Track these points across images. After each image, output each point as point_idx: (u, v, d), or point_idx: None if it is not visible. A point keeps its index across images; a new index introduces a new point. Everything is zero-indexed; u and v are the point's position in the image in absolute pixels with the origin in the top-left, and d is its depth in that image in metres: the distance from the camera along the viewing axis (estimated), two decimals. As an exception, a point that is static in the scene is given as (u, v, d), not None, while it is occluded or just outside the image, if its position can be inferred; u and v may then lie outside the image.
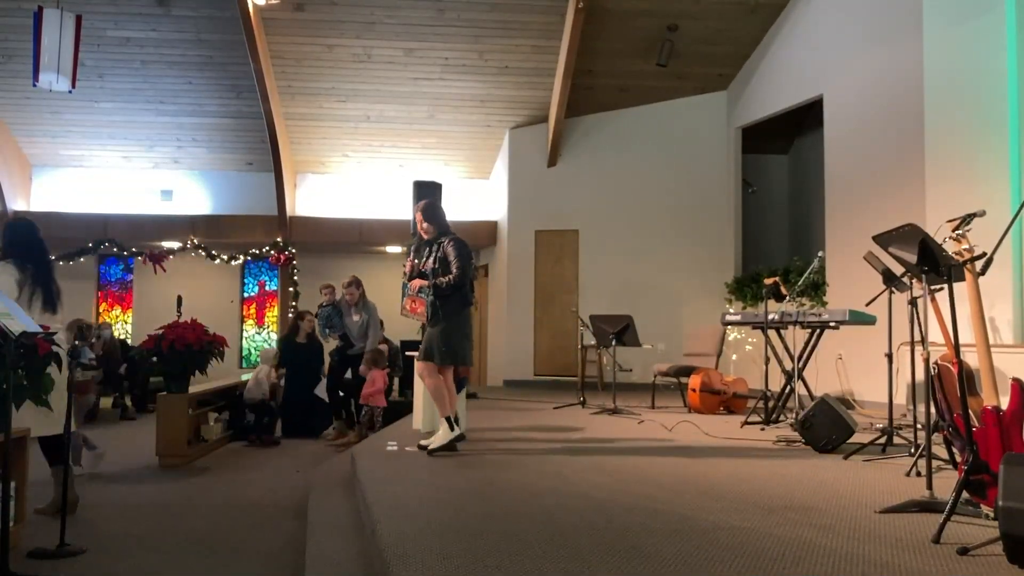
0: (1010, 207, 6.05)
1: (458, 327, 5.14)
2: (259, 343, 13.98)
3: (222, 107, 11.50)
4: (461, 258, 5.11)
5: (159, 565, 3.63)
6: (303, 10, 9.99)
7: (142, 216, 12.26)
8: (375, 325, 7.76)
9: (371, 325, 7.71)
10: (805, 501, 3.60)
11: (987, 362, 3.24)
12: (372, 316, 7.76)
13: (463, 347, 5.16)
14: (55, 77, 7.08)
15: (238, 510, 4.74)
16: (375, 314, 7.82)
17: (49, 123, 11.71)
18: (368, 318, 7.76)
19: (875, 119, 8.49)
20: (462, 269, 5.08)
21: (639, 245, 11.41)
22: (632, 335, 7.74)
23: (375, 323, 7.77)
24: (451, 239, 5.22)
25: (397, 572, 2.54)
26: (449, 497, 3.74)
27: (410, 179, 9.26)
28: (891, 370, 5.30)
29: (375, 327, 7.75)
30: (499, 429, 6.16)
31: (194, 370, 6.44)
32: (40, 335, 3.69)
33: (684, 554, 2.69)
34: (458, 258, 5.10)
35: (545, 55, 10.67)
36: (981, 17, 6.61)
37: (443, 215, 5.42)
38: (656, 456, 4.99)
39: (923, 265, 3.52)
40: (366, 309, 7.78)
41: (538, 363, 11.59)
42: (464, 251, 5.17)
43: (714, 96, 11.52)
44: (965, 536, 2.90)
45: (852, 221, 8.58)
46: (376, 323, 7.80)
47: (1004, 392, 3.15)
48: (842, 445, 5.11)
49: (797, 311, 6.72)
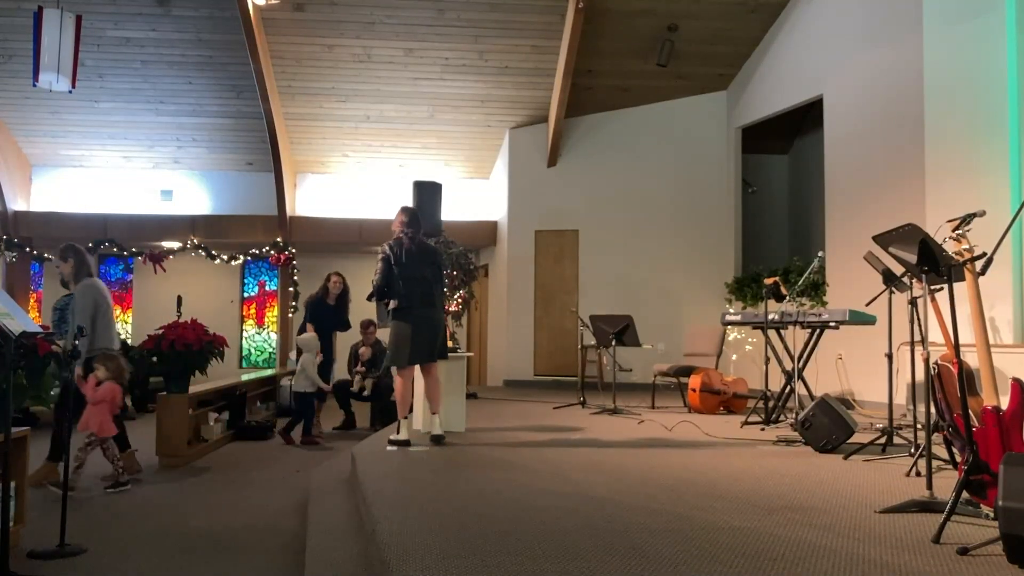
0: (1010, 207, 6.05)
1: (395, 331, 5.49)
2: (259, 343, 13.98)
3: (222, 107, 11.50)
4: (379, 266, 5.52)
5: (159, 565, 3.63)
6: (303, 10, 9.99)
7: (142, 216, 12.26)
8: (84, 310, 5.41)
9: (77, 311, 5.47)
10: (805, 501, 3.60)
11: (987, 362, 3.24)
12: (78, 300, 5.53)
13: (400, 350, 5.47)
14: (55, 77, 7.09)
15: (238, 510, 4.74)
16: (82, 299, 5.52)
17: (49, 123, 11.70)
18: None
19: (875, 119, 8.49)
20: (377, 276, 5.51)
21: (639, 245, 11.41)
22: (632, 335, 7.74)
23: (82, 308, 5.42)
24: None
25: (397, 572, 2.54)
26: (449, 497, 3.73)
27: (410, 179, 9.27)
28: (891, 370, 5.30)
29: (84, 313, 5.44)
30: (499, 429, 6.16)
31: (194, 370, 6.44)
32: (40, 335, 3.70)
33: (684, 554, 2.69)
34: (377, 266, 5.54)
35: (545, 55, 10.67)
36: (981, 17, 6.61)
37: (403, 219, 5.70)
38: (656, 456, 4.99)
39: (923, 265, 3.52)
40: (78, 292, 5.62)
41: (538, 363, 11.59)
42: (382, 261, 5.51)
43: (714, 96, 11.52)
44: (965, 536, 2.90)
45: (852, 221, 8.58)
46: (84, 308, 5.43)
47: (1004, 392, 3.15)
48: (842, 445, 5.11)
49: (797, 311, 6.72)
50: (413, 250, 5.51)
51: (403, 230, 5.57)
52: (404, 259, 5.44)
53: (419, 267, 5.49)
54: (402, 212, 5.70)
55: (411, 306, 5.43)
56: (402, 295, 5.42)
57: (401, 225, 5.60)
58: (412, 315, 5.42)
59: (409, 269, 5.44)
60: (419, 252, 5.54)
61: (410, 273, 5.44)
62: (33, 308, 12.70)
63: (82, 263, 5.62)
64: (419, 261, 5.51)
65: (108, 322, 5.60)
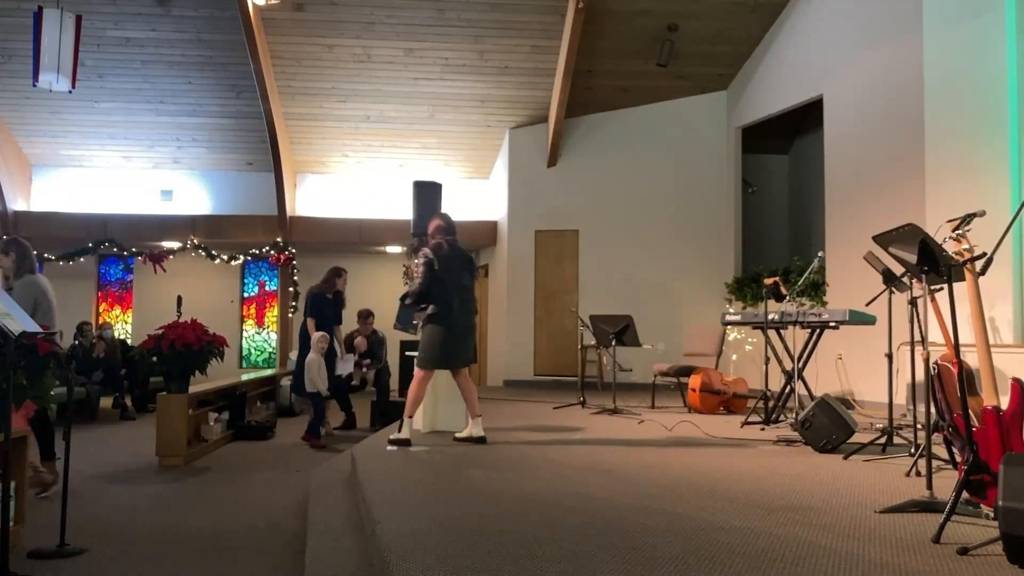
0: (1010, 207, 6.06)
1: (431, 335, 5.52)
2: (259, 343, 13.98)
3: (222, 107, 11.50)
4: (422, 273, 5.49)
5: (159, 565, 3.63)
6: (303, 10, 10.00)
7: (142, 216, 12.26)
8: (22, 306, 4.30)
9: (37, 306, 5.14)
10: (805, 501, 3.60)
11: (987, 362, 3.24)
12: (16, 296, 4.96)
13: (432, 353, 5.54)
14: (55, 77, 7.09)
15: (238, 510, 4.74)
16: (20, 295, 5.11)
17: (49, 123, 11.71)
18: None
19: (875, 119, 8.49)
20: (420, 281, 5.48)
21: (639, 245, 11.41)
22: (632, 335, 7.74)
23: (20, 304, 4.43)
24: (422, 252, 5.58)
25: (397, 572, 2.54)
26: (449, 497, 3.73)
27: (410, 179, 9.28)
28: (891, 370, 5.30)
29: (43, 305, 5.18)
30: (499, 429, 6.15)
31: (194, 370, 6.44)
32: (40, 335, 3.69)
33: (684, 554, 2.69)
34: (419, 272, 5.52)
35: (545, 55, 10.67)
36: (981, 17, 6.61)
37: (442, 224, 5.71)
38: (656, 456, 4.99)
39: (923, 265, 3.52)
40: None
41: (538, 363, 11.59)
42: (424, 266, 5.48)
43: (714, 96, 11.52)
44: (965, 536, 2.90)
45: (852, 221, 8.58)
46: (22, 304, 4.55)
47: (1004, 392, 3.15)
48: (842, 445, 5.11)
49: (797, 311, 6.71)
50: (453, 256, 5.58)
51: (444, 237, 5.62)
52: (445, 265, 5.50)
53: (458, 274, 5.57)
54: (439, 218, 5.76)
55: (449, 312, 5.48)
56: (442, 300, 5.47)
57: (441, 232, 5.65)
58: (450, 320, 5.48)
59: (449, 275, 5.49)
60: (457, 259, 5.61)
61: (450, 279, 5.49)
62: (33, 308, 12.68)
63: (24, 257, 5.37)
64: (458, 268, 5.58)
65: (48, 321, 5.22)
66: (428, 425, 6.16)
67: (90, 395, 9.05)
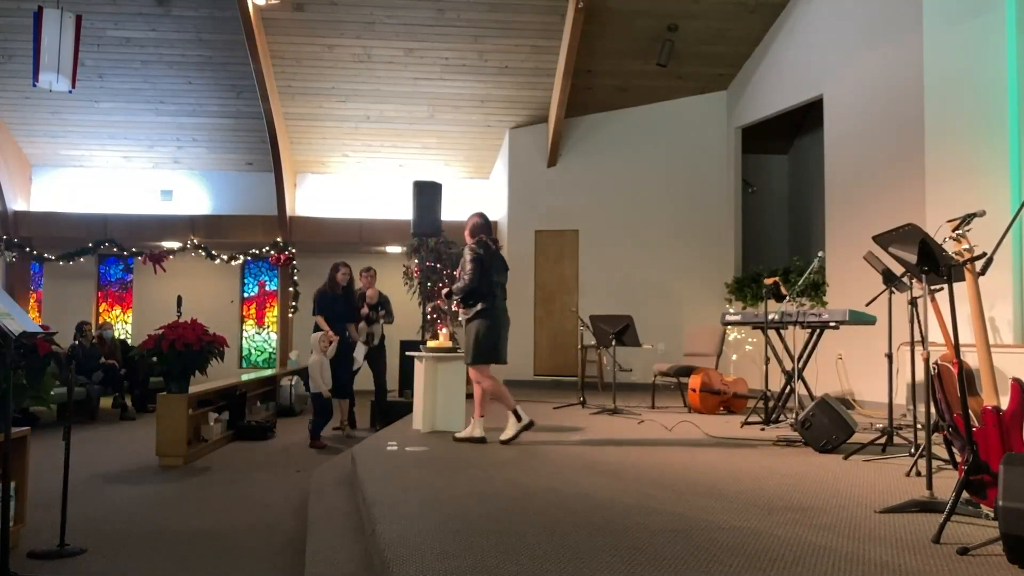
0: (1010, 207, 6.06)
1: (484, 328, 5.66)
2: (259, 343, 13.98)
3: (222, 107, 11.50)
4: (471, 265, 5.60)
5: (159, 565, 3.63)
6: (303, 10, 10.00)
7: (142, 216, 12.26)
8: None
9: None
10: (805, 501, 3.60)
11: (987, 362, 3.24)
12: None
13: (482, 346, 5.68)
14: (55, 77, 7.08)
15: (238, 510, 4.74)
16: None
17: (49, 123, 11.71)
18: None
19: (875, 119, 8.49)
20: (470, 276, 5.57)
21: (639, 245, 11.41)
22: (632, 335, 7.74)
23: None
24: (468, 248, 5.73)
25: (397, 572, 2.54)
26: (449, 497, 3.73)
27: (410, 179, 9.27)
28: (891, 370, 5.30)
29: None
30: (499, 429, 6.15)
31: (194, 370, 6.44)
32: (40, 335, 3.69)
33: (684, 554, 2.69)
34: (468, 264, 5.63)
35: (545, 55, 10.67)
36: (981, 17, 6.61)
37: (481, 222, 5.88)
38: (656, 456, 4.99)
39: (923, 265, 3.52)
40: None
41: (538, 363, 11.59)
42: (474, 262, 5.59)
43: (714, 96, 11.52)
44: (965, 536, 2.91)
45: (852, 221, 8.58)
46: None
47: (1004, 392, 3.15)
48: (842, 445, 5.11)
49: (797, 311, 6.71)
50: (494, 254, 5.76)
51: (486, 236, 5.79)
52: (491, 263, 5.68)
53: (500, 271, 5.79)
54: (477, 216, 5.91)
55: (496, 306, 5.69)
56: (491, 296, 5.66)
57: (480, 229, 5.80)
58: (496, 315, 5.69)
59: (492, 273, 5.69)
60: (496, 256, 5.80)
61: (493, 276, 5.70)
62: (33, 308, 12.70)
63: None
64: (499, 265, 5.80)
65: None
66: (428, 425, 6.17)
67: (90, 395, 9.05)
